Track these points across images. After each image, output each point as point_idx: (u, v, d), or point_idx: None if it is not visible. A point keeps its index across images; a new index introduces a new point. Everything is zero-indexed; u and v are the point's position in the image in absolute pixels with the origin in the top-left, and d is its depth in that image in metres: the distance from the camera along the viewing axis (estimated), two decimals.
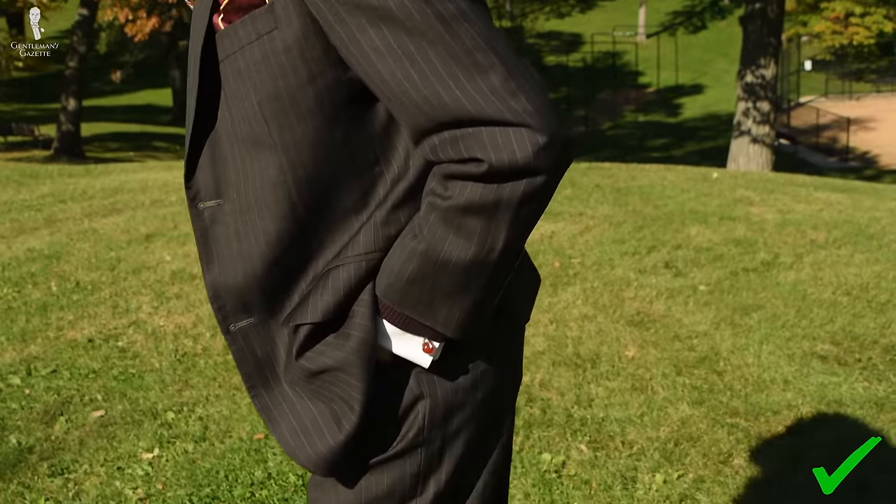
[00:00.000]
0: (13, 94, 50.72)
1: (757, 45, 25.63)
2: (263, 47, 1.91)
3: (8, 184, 14.91)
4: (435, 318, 1.95)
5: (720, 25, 64.34)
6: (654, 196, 11.86)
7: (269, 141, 1.95)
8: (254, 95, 1.93)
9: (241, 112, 1.96)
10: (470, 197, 1.81)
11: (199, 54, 1.97)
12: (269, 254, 2.01)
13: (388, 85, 1.80)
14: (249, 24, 1.91)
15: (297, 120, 1.94)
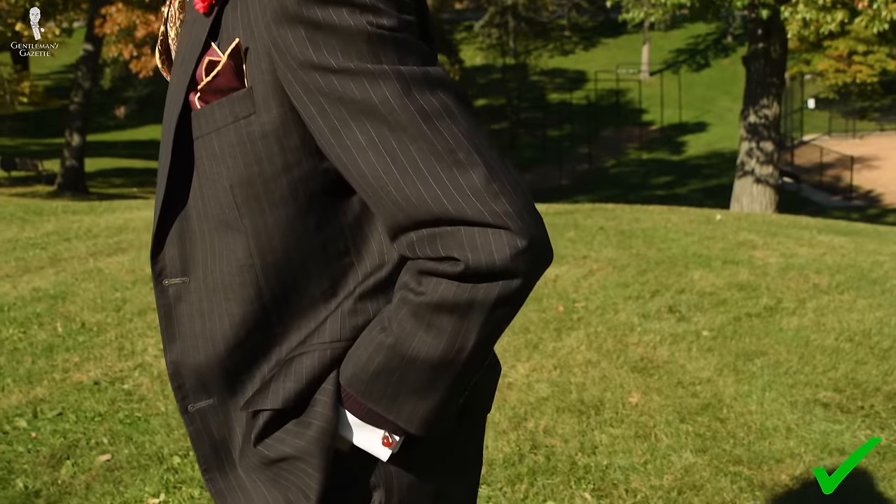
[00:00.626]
0: (17, 129, 50.83)
1: (760, 84, 25.71)
2: (240, 131, 1.87)
3: (12, 221, 14.94)
4: (398, 413, 1.90)
5: (723, 63, 64.47)
6: (658, 239, 11.89)
7: (238, 225, 1.91)
8: (226, 178, 1.90)
9: (212, 193, 1.92)
10: (443, 295, 1.77)
11: (172, 130, 1.92)
12: (232, 336, 1.97)
13: (367, 180, 1.76)
14: (227, 106, 1.87)
15: (269, 207, 1.90)
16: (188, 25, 1.94)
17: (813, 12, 21.84)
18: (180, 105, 1.91)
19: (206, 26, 1.87)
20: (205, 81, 1.87)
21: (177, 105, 1.91)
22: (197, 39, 1.89)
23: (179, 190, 1.96)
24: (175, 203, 1.97)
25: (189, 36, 1.93)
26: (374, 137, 1.74)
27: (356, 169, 1.77)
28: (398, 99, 1.72)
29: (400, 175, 1.74)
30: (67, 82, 55.47)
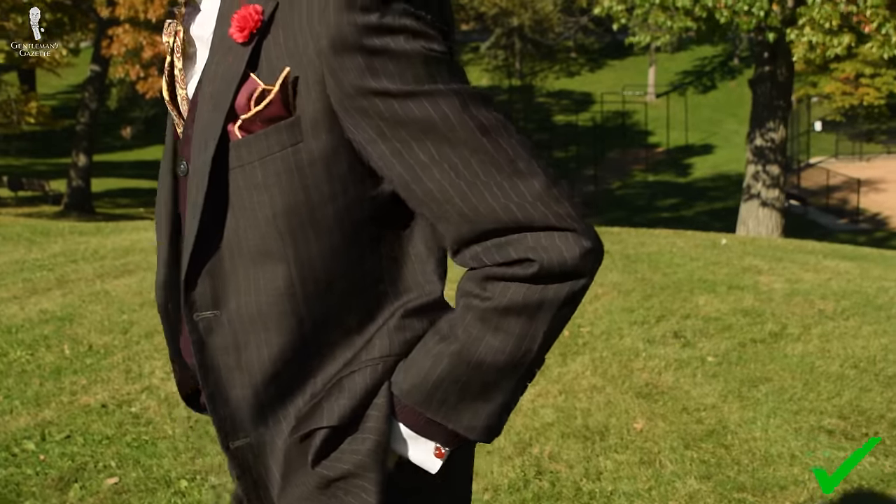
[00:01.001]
0: (24, 149, 50.92)
1: (766, 107, 25.76)
2: (287, 160, 1.88)
3: (19, 241, 14.98)
4: (458, 420, 1.93)
5: (730, 85, 64.52)
6: (663, 264, 11.91)
7: (281, 254, 1.92)
8: (269, 207, 1.90)
9: (250, 223, 1.92)
10: (513, 298, 1.83)
11: (209, 163, 1.91)
12: (269, 367, 1.97)
13: (433, 195, 1.82)
14: (273, 135, 1.87)
15: (314, 235, 1.92)
16: (217, 56, 1.94)
17: (819, 35, 21.89)
18: (217, 136, 1.90)
19: (245, 56, 1.88)
20: (253, 111, 1.87)
21: (212, 137, 1.91)
22: (234, 70, 1.89)
23: (213, 222, 1.96)
24: (210, 236, 1.97)
25: (220, 67, 1.93)
26: (436, 154, 1.80)
27: (421, 187, 1.83)
28: (457, 116, 1.79)
29: (467, 187, 1.81)
30: (74, 102, 55.57)
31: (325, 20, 1.78)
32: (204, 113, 1.95)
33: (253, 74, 1.88)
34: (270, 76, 1.86)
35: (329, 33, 1.78)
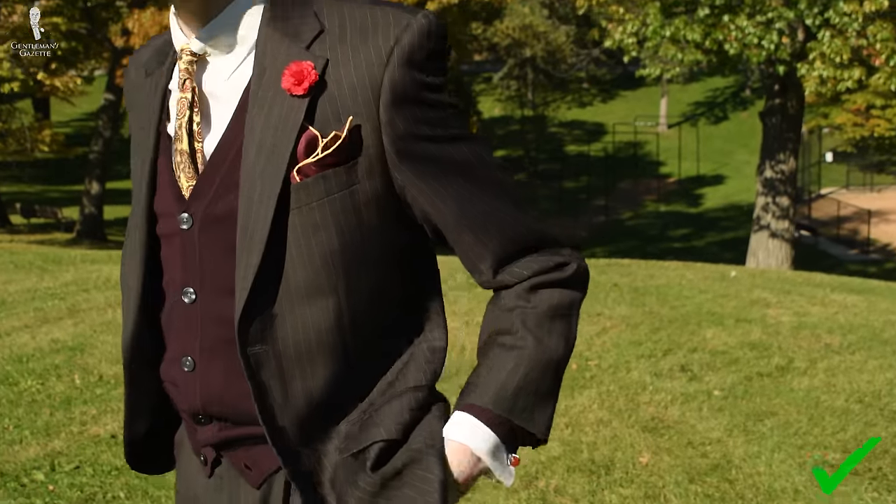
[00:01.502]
0: (37, 176, 51.13)
1: (777, 139, 25.81)
2: (345, 201, 2.05)
3: (31, 269, 15.04)
4: (535, 423, 2.14)
5: (741, 116, 64.54)
6: (672, 296, 11.95)
7: (332, 289, 2.06)
8: (326, 245, 2.05)
9: (305, 260, 2.05)
10: (553, 301, 2.14)
11: (273, 206, 2.02)
12: (316, 397, 2.10)
13: (480, 221, 2.11)
14: (333, 178, 2.04)
15: (364, 270, 2.10)
16: (264, 108, 2.06)
17: (830, 69, 21.95)
18: (280, 181, 2.02)
19: (303, 108, 2.03)
20: (318, 157, 2.02)
21: (274, 182, 2.03)
22: (292, 121, 2.03)
23: (270, 263, 2.06)
24: (267, 275, 2.06)
25: (272, 118, 2.05)
26: (475, 188, 2.10)
27: (468, 215, 2.11)
28: (483, 157, 2.13)
29: (504, 213, 2.12)
30: (88, 130, 55.76)
31: (389, 75, 2.01)
32: (255, 161, 2.05)
33: (308, 124, 2.03)
34: (325, 125, 2.03)
35: (391, 87, 2.01)
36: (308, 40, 2.07)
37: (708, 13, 22.75)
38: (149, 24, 27.04)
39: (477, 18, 44.82)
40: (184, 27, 2.15)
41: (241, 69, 2.13)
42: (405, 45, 2.02)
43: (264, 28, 2.11)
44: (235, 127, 2.11)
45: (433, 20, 2.08)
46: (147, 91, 2.28)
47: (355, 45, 2.04)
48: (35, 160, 32.52)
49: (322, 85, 2.04)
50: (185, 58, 2.13)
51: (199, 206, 2.13)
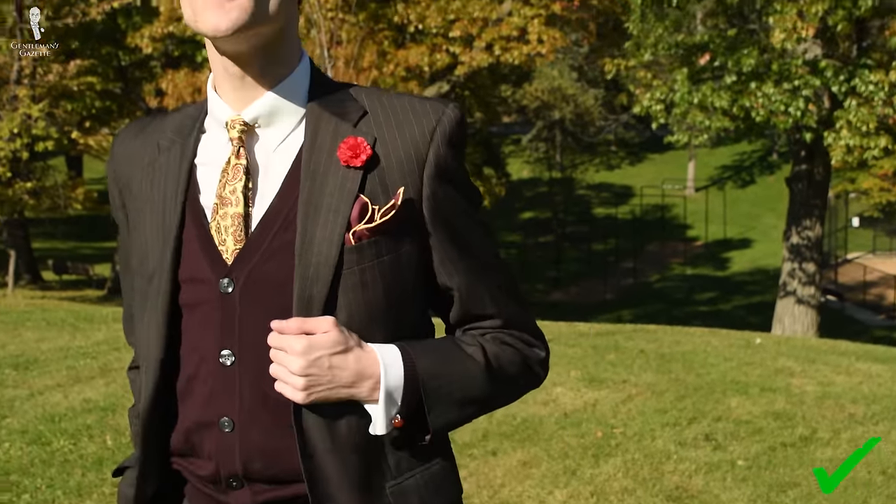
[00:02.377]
0: (70, 232, 51.42)
1: (803, 205, 25.87)
2: (392, 263, 2.27)
3: (63, 327, 15.18)
4: (435, 414, 2.30)
5: (769, 180, 64.41)
6: (697, 364, 12.03)
7: (372, 341, 2.25)
8: (371, 303, 2.25)
9: (352, 316, 2.25)
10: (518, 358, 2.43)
11: (333, 266, 2.21)
12: (358, 441, 2.27)
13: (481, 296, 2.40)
14: (383, 242, 2.25)
15: (400, 321, 2.32)
16: (317, 178, 2.27)
17: (856, 138, 22.02)
18: (338, 244, 2.23)
19: (358, 178, 2.25)
20: (376, 223, 2.24)
21: (332, 245, 2.23)
22: (348, 189, 2.25)
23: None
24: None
25: (327, 186, 2.26)
26: (480, 265, 2.40)
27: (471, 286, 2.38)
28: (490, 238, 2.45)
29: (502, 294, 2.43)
30: None
31: (433, 151, 2.29)
32: (310, 226, 2.24)
33: (361, 193, 2.25)
34: (375, 195, 2.25)
35: (434, 162, 2.29)
36: (354, 120, 2.30)
37: (735, 80, 22.89)
38: (182, 84, 27.29)
39: (506, 81, 45.07)
40: (230, 100, 2.33)
41: (289, 140, 2.32)
42: (445, 127, 2.30)
43: (311, 103, 2.33)
44: (285, 194, 2.28)
45: (462, 111, 2.36)
46: (164, 165, 2.41)
47: (400, 126, 2.30)
48: (67, 217, 32.79)
49: (374, 159, 2.27)
50: (236, 128, 2.30)
51: (242, 270, 2.27)
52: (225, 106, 2.34)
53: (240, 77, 2.29)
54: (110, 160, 2.56)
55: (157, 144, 2.45)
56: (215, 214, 2.31)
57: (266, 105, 2.30)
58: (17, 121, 26.69)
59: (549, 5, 27.31)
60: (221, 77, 2.33)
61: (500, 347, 2.40)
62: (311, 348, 2.17)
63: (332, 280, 2.22)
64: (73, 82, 28.87)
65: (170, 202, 2.37)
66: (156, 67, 39.36)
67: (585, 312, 39.36)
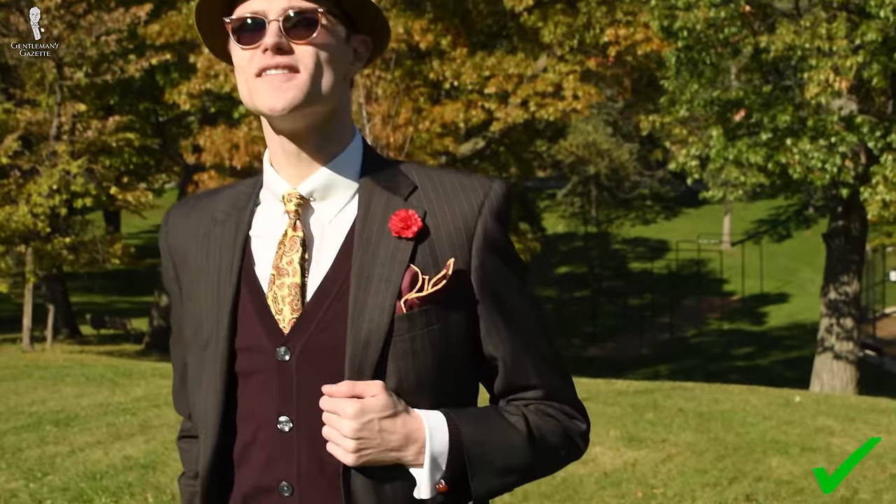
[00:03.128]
0: (107, 287, 51.63)
1: (840, 261, 25.82)
2: (441, 331, 2.36)
3: (102, 383, 15.25)
4: (479, 481, 2.35)
5: (805, 234, 64.18)
6: (737, 423, 12.00)
7: (420, 405, 2.33)
8: (420, 370, 2.34)
9: (401, 382, 2.33)
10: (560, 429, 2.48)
11: (384, 334, 2.31)
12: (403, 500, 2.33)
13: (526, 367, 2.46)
14: (433, 311, 2.34)
15: (449, 391, 2.40)
16: (370, 248, 2.37)
17: (893, 193, 21.97)
18: (390, 312, 2.32)
19: (409, 249, 2.36)
20: (427, 292, 2.34)
21: (383, 313, 2.32)
22: (400, 259, 2.35)
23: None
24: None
25: (378, 256, 2.37)
26: (527, 336, 2.47)
27: (518, 357, 2.45)
28: (537, 311, 2.52)
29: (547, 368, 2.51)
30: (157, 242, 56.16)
31: (482, 224, 2.40)
32: (362, 295, 2.34)
33: (412, 263, 2.35)
34: (425, 265, 2.36)
35: (483, 235, 2.40)
36: (405, 194, 2.41)
37: (770, 136, 22.90)
38: (220, 140, 27.42)
39: (541, 136, 45.14)
40: (287, 175, 2.44)
41: (343, 213, 2.44)
42: (493, 202, 2.42)
43: (363, 178, 2.45)
44: (339, 264, 2.39)
45: (508, 186, 2.48)
46: (219, 237, 2.52)
47: (449, 200, 2.41)
48: (105, 271, 32.98)
49: (425, 231, 2.37)
50: (293, 201, 2.41)
51: (299, 339, 2.36)
52: (281, 180, 2.44)
53: (296, 153, 2.41)
54: (164, 234, 2.66)
55: (212, 217, 2.56)
56: (272, 285, 2.40)
57: (321, 180, 2.42)
58: (57, 177, 26.91)
59: (584, 61, 27.42)
60: (278, 153, 2.44)
61: (542, 419, 2.46)
62: (362, 412, 2.24)
63: (383, 346, 2.30)
64: (111, 138, 29.10)
65: (225, 272, 2.47)
66: (193, 123, 39.61)
67: (622, 368, 39.24)
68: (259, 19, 2.33)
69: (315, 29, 2.34)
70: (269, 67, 2.31)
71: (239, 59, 2.39)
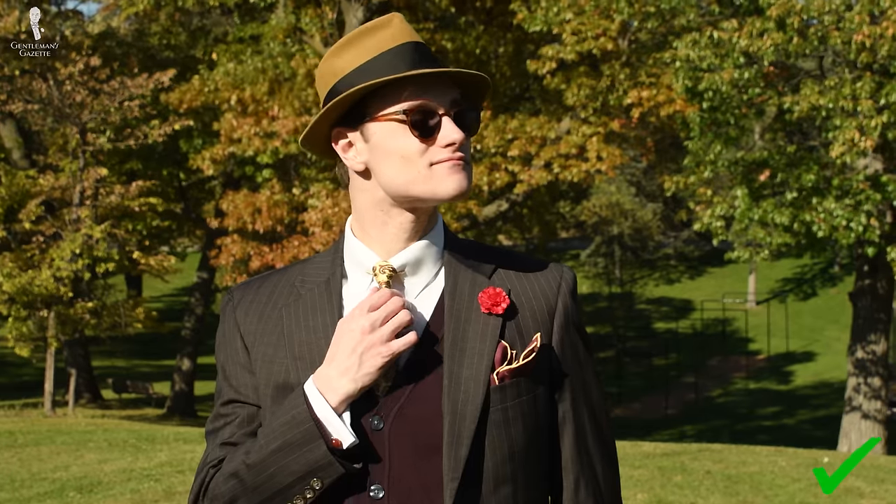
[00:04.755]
0: (130, 350, 51.72)
1: (867, 320, 25.78)
2: (531, 403, 2.51)
3: (125, 448, 15.24)
4: None
5: (830, 293, 64.04)
6: (765, 485, 11.88)
7: (512, 478, 2.48)
8: (514, 439, 2.48)
9: (493, 451, 2.46)
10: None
11: (480, 404, 2.44)
12: None
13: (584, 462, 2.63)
14: (523, 383, 2.50)
15: (537, 461, 2.55)
16: (461, 324, 2.52)
17: None
18: (485, 384, 2.47)
19: (499, 324, 2.52)
20: (519, 364, 2.49)
21: (478, 385, 2.47)
22: (492, 334, 2.51)
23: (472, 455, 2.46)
24: (470, 466, 2.45)
25: (469, 331, 2.51)
26: (592, 423, 2.64)
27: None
28: (603, 396, 2.72)
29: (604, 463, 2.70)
30: (179, 305, 56.46)
31: (562, 301, 2.62)
32: (456, 367, 2.48)
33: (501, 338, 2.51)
34: (513, 339, 2.53)
35: (563, 312, 2.62)
36: (488, 273, 2.60)
37: (796, 196, 22.89)
38: (242, 205, 27.48)
39: (565, 197, 45.26)
40: (378, 248, 2.58)
41: (430, 287, 2.59)
42: (569, 282, 2.66)
43: (448, 256, 2.61)
44: (429, 337, 2.53)
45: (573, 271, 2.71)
46: (309, 302, 2.62)
47: (530, 280, 2.62)
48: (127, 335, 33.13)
49: (512, 307, 2.55)
50: (386, 272, 2.53)
51: (392, 408, 2.48)
52: (369, 252, 2.59)
53: (407, 230, 2.58)
54: (231, 307, 2.75)
55: (293, 287, 2.68)
56: None
57: (413, 254, 2.57)
58: (79, 241, 27.00)
59: (608, 123, 27.44)
60: (379, 227, 2.58)
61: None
62: None
63: (479, 417, 2.44)
64: (134, 203, 29.23)
65: (321, 336, 2.57)
66: (216, 187, 39.78)
67: (648, 428, 39.07)
68: (436, 112, 2.50)
69: (478, 123, 2.60)
70: (454, 161, 2.49)
71: (407, 148, 2.50)
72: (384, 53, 2.52)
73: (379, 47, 2.53)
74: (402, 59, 2.51)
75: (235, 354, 2.69)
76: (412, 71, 2.48)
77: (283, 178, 29.74)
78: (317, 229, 25.87)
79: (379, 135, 2.51)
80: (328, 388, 2.45)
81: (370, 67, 2.52)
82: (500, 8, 30.11)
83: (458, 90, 2.56)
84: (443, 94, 2.52)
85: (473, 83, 2.60)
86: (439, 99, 2.51)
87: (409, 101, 2.49)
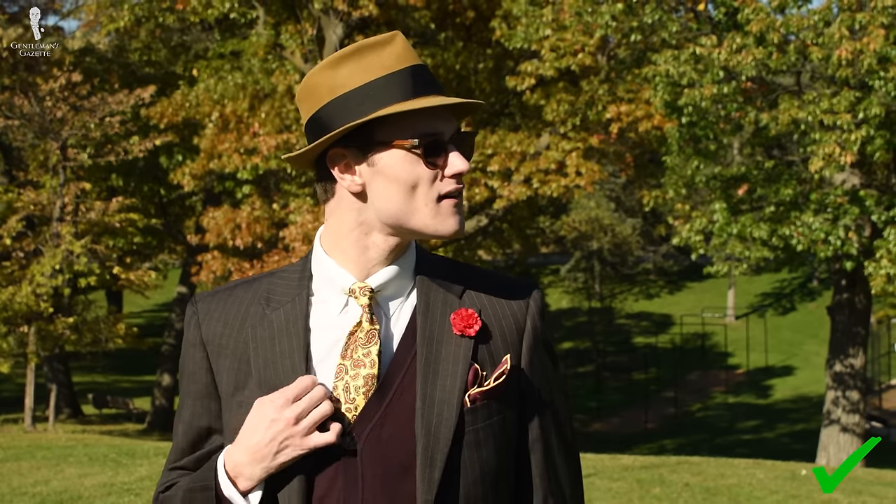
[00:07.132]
0: (109, 366, 51.57)
1: (845, 334, 25.88)
2: (501, 424, 2.51)
3: (106, 463, 15.23)
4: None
5: (809, 307, 64.17)
6: (743, 497, 11.95)
7: (484, 498, 2.48)
8: (485, 460, 2.49)
9: (466, 473, 2.46)
10: None
11: (453, 426, 2.43)
12: None
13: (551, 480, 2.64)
14: (494, 404, 2.50)
15: (505, 483, 2.55)
16: (433, 345, 2.50)
17: None
18: (458, 405, 2.46)
19: (471, 346, 2.51)
20: (490, 386, 2.49)
21: (453, 405, 2.46)
22: (464, 356, 2.49)
23: (446, 476, 2.45)
24: (443, 487, 2.44)
25: (442, 353, 2.50)
26: (559, 440, 2.65)
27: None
28: (569, 414, 2.73)
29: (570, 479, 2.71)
30: (160, 321, 56.39)
31: (531, 322, 2.61)
32: (429, 389, 2.47)
33: (473, 360, 2.50)
34: (483, 361, 2.52)
35: (532, 332, 2.60)
36: (458, 293, 2.57)
37: (774, 210, 23.00)
38: (223, 221, 27.50)
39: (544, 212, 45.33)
40: (353, 268, 2.54)
41: (403, 307, 2.56)
42: (538, 302, 2.64)
43: (419, 275, 2.58)
44: (401, 357, 2.50)
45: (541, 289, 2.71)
46: (275, 325, 2.54)
47: (500, 300, 2.60)
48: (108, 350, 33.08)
49: (484, 328, 2.54)
50: (366, 294, 2.50)
51: (363, 429, 2.45)
52: (343, 271, 2.54)
53: (387, 253, 2.54)
54: (194, 324, 2.64)
55: (259, 304, 2.59)
56: (344, 375, 2.48)
57: (389, 274, 2.54)
58: (59, 257, 27.00)
59: (587, 138, 27.51)
60: (359, 249, 2.54)
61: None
62: None
63: (451, 439, 2.43)
64: (114, 219, 29.21)
65: (288, 360, 2.51)
66: (196, 203, 39.79)
67: (627, 443, 39.13)
68: (445, 141, 2.49)
69: (473, 150, 2.59)
70: (456, 194, 2.50)
71: (417, 177, 2.47)
72: (391, 75, 2.45)
73: (384, 66, 2.46)
74: (412, 84, 2.46)
75: (197, 374, 2.62)
76: (428, 98, 2.45)
77: (264, 194, 29.76)
78: (297, 244, 25.87)
79: (386, 161, 2.45)
80: (238, 474, 2.42)
81: (376, 88, 2.44)
82: (479, 25, 30.21)
83: (455, 116, 2.55)
84: (448, 121, 2.50)
85: (466, 108, 2.60)
86: (445, 127, 2.48)
87: (421, 130, 2.45)
